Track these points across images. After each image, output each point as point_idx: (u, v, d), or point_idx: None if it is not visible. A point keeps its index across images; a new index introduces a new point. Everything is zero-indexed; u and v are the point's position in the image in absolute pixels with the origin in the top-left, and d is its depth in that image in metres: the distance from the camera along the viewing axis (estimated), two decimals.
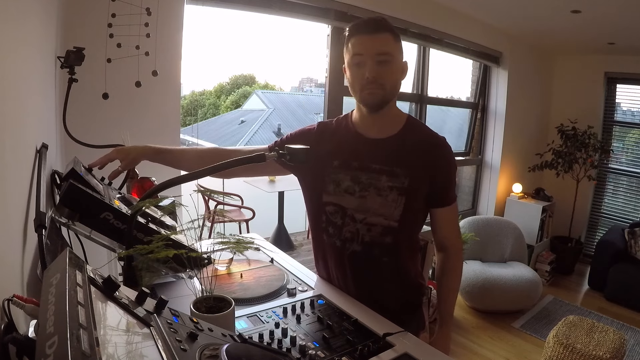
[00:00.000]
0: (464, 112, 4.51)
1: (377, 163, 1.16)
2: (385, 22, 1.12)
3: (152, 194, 0.91)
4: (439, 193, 1.18)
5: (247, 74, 20.15)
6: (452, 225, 1.26)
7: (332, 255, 1.24)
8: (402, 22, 2.98)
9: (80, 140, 1.38)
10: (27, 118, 0.87)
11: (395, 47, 1.12)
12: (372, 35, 1.10)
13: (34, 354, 0.38)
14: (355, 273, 1.21)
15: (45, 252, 0.70)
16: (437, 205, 1.21)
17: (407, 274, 1.26)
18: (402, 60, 1.16)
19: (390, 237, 1.17)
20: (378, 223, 1.16)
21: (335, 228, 1.21)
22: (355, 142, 1.20)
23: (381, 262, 1.19)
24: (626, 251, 3.86)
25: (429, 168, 1.15)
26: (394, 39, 1.11)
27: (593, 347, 2.38)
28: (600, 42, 3.92)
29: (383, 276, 1.20)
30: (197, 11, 2.18)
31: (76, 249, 1.09)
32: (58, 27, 1.47)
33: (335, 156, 1.20)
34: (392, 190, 1.14)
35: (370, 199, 1.16)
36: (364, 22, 1.13)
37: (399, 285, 1.23)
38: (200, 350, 0.51)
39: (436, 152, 1.18)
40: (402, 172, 1.14)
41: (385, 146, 1.17)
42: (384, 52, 1.09)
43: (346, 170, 1.18)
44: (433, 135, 1.21)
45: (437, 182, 1.17)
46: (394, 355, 0.89)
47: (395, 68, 1.13)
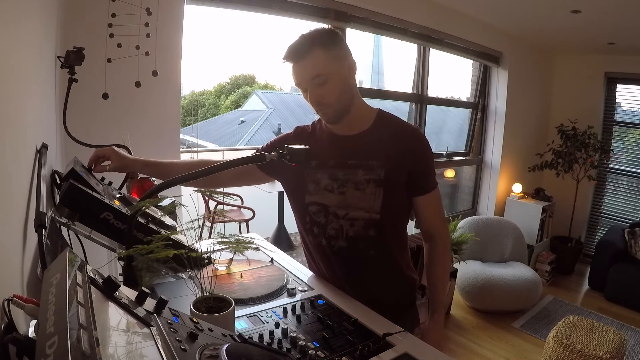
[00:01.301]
0: (464, 112, 4.51)
1: (352, 158, 1.18)
2: (310, 41, 1.09)
3: (152, 194, 0.91)
4: (417, 181, 1.19)
5: (247, 74, 20.13)
6: (436, 212, 1.26)
7: (320, 255, 1.26)
8: (402, 22, 2.98)
9: (80, 140, 1.38)
10: (27, 118, 0.87)
11: (328, 62, 1.09)
12: (300, 62, 1.10)
13: (34, 354, 0.38)
14: (344, 270, 1.23)
15: (45, 252, 0.70)
16: (417, 193, 1.21)
17: (397, 266, 1.27)
18: (344, 65, 1.13)
19: (373, 230, 1.18)
20: (360, 217, 1.18)
21: (320, 227, 1.23)
22: (330, 141, 1.22)
23: (368, 256, 1.20)
24: (626, 251, 3.86)
25: (405, 157, 1.16)
26: (324, 54, 1.08)
27: (593, 347, 2.38)
28: (600, 42, 3.92)
29: (372, 270, 1.22)
30: (197, 11, 2.18)
31: (76, 249, 1.09)
32: (58, 27, 1.47)
33: (313, 157, 1.21)
34: (370, 182, 1.16)
35: (349, 194, 1.18)
36: (290, 50, 1.10)
37: (390, 279, 1.25)
38: (200, 350, 0.51)
39: (409, 140, 1.18)
40: (377, 164, 1.15)
41: (358, 141, 1.19)
42: (316, 75, 1.09)
43: (324, 169, 1.20)
44: (405, 125, 1.23)
45: (415, 170, 1.17)
46: (394, 355, 0.89)
47: (335, 84, 1.11)
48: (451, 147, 4.32)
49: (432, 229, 1.27)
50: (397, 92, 3.69)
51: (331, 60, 1.10)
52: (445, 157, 4.12)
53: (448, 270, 1.31)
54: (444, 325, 1.30)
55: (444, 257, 1.29)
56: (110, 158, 1.20)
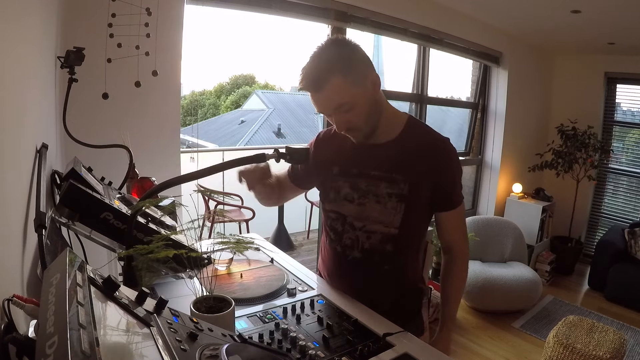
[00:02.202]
0: (464, 112, 4.51)
1: (375, 169, 1.13)
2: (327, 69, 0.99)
3: (152, 194, 0.91)
4: (442, 197, 1.14)
5: (247, 74, 20.13)
6: (457, 228, 1.21)
7: (333, 259, 1.25)
8: (402, 22, 2.98)
9: (80, 140, 1.38)
10: (27, 118, 0.87)
11: (350, 89, 1.01)
12: (319, 93, 1.02)
13: (34, 354, 0.38)
14: (355, 279, 1.21)
15: (45, 252, 0.70)
16: (440, 209, 1.17)
17: (408, 280, 1.24)
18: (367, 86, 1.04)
19: (390, 245, 1.15)
20: (377, 230, 1.14)
21: (336, 234, 1.21)
22: (354, 148, 1.17)
23: (382, 270, 1.18)
24: (626, 251, 3.86)
25: (431, 172, 1.11)
26: (344, 81, 0.99)
27: (593, 347, 2.38)
28: (600, 42, 3.92)
29: (383, 283, 1.19)
30: (197, 11, 2.18)
31: (76, 249, 1.09)
32: (58, 27, 1.47)
33: (335, 163, 1.20)
34: (391, 197, 1.11)
35: (369, 206, 1.14)
36: (306, 79, 1.02)
37: (399, 292, 1.22)
38: (200, 350, 0.51)
39: (438, 155, 1.13)
40: (401, 178, 1.11)
41: (384, 151, 1.14)
42: (338, 105, 1.03)
43: (345, 177, 1.17)
44: (435, 136, 1.16)
45: (440, 186, 1.12)
46: (394, 355, 0.89)
47: (361, 108, 1.05)
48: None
49: (452, 243, 1.23)
50: (397, 92, 3.69)
51: (353, 86, 1.01)
52: None
53: (463, 286, 1.27)
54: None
55: (461, 273, 1.25)
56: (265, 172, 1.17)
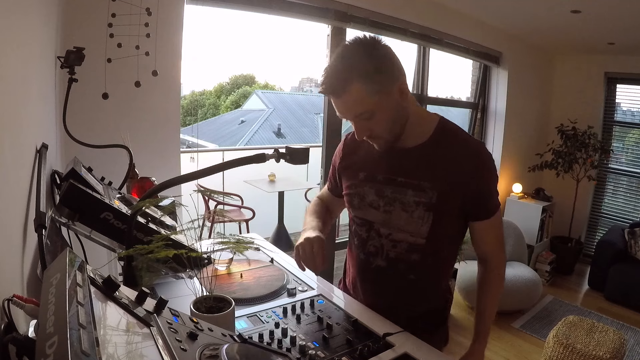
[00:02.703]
0: (464, 112, 4.51)
1: (402, 176, 1.07)
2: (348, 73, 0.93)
3: (152, 194, 0.91)
4: (477, 206, 1.07)
5: (247, 74, 20.16)
6: (493, 238, 1.14)
7: (357, 266, 1.20)
8: (402, 22, 2.98)
9: (80, 140, 1.38)
10: (27, 118, 0.87)
11: (372, 98, 0.94)
12: (340, 99, 0.96)
13: (34, 354, 0.38)
14: (379, 288, 1.16)
15: (45, 252, 0.70)
16: (475, 219, 1.09)
17: (435, 291, 1.19)
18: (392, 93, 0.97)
19: (417, 255, 1.09)
20: (404, 240, 1.08)
21: (361, 241, 1.16)
22: (381, 153, 1.10)
23: (408, 280, 1.12)
24: (626, 251, 3.86)
25: (464, 180, 1.02)
26: (366, 88, 0.93)
27: (593, 347, 2.38)
28: (600, 42, 3.92)
29: (409, 294, 1.14)
30: (197, 11, 2.18)
31: (76, 249, 1.09)
32: (58, 27, 1.47)
33: (362, 169, 1.15)
34: (419, 205, 1.04)
35: (396, 214, 1.08)
36: (327, 83, 0.96)
37: (426, 303, 1.17)
38: (200, 350, 0.51)
39: (471, 161, 1.03)
40: (429, 186, 1.03)
41: (412, 157, 1.07)
42: (359, 112, 0.97)
43: (371, 184, 1.12)
44: (468, 140, 1.07)
45: (474, 194, 1.04)
46: (394, 355, 0.89)
47: (384, 116, 0.98)
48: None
49: (489, 253, 1.16)
50: None
51: (375, 94, 0.94)
52: None
53: (499, 298, 1.18)
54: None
55: (499, 284, 1.17)
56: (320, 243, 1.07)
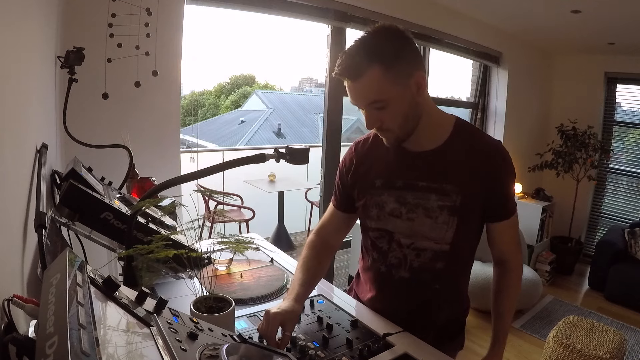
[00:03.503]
0: (464, 112, 4.51)
1: (423, 180, 1.02)
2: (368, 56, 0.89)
3: (152, 194, 0.91)
4: (496, 207, 1.04)
5: (247, 74, 20.18)
6: (511, 238, 1.11)
7: (376, 281, 1.14)
8: (402, 22, 2.97)
9: (80, 140, 1.38)
10: (27, 118, 0.87)
11: (388, 86, 0.90)
12: (355, 82, 0.92)
13: (34, 354, 0.38)
14: (403, 300, 1.11)
15: (45, 252, 0.70)
16: (494, 220, 1.06)
17: (457, 299, 1.17)
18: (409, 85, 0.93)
19: (441, 263, 1.05)
20: (428, 247, 1.04)
21: (381, 253, 1.10)
22: (398, 158, 1.05)
23: (433, 289, 1.08)
24: (626, 251, 3.86)
25: (485, 181, 0.99)
26: (384, 74, 0.89)
27: (593, 347, 2.38)
28: (600, 42, 3.92)
29: (432, 303, 1.11)
30: (197, 11, 2.18)
31: (76, 249, 1.09)
32: (58, 27, 1.47)
33: (377, 176, 1.08)
34: (443, 210, 1.00)
35: (419, 220, 1.03)
36: (344, 65, 0.92)
37: (449, 311, 1.15)
38: (200, 350, 0.51)
39: (491, 161, 1.00)
40: (452, 189, 1.00)
41: (431, 159, 1.02)
42: (373, 100, 0.92)
43: (390, 191, 1.06)
44: (486, 140, 1.04)
45: (495, 195, 1.01)
46: (394, 355, 0.89)
47: (397, 109, 0.94)
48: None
49: (507, 254, 1.13)
50: None
51: (392, 83, 0.91)
52: None
53: (517, 299, 1.17)
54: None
55: (515, 286, 1.15)
56: (285, 325, 0.89)
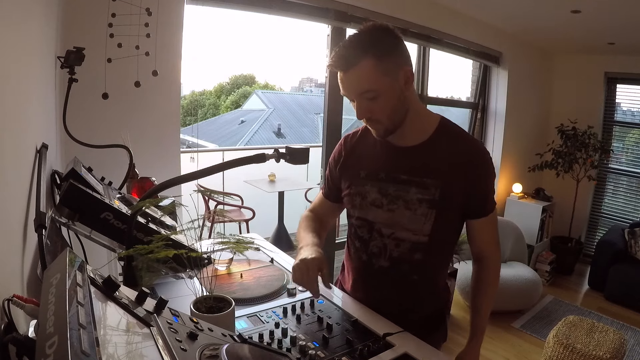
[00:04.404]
0: (464, 112, 4.51)
1: (405, 173, 1.08)
2: (361, 48, 0.95)
3: (152, 194, 0.91)
4: (475, 204, 1.08)
5: (247, 74, 20.19)
6: (490, 236, 1.16)
7: (359, 269, 1.20)
8: (402, 22, 2.98)
9: (80, 140, 1.38)
10: (27, 118, 0.87)
11: (379, 77, 0.96)
12: (347, 73, 0.97)
13: (34, 354, 0.38)
14: (383, 289, 1.16)
15: (45, 252, 0.70)
16: (473, 217, 1.11)
17: (436, 290, 1.20)
18: (398, 78, 0.99)
19: (420, 254, 1.09)
20: (407, 238, 1.09)
21: (362, 242, 1.16)
22: (383, 151, 1.12)
23: (411, 280, 1.12)
24: (626, 251, 3.86)
25: (464, 178, 1.04)
26: (375, 65, 0.95)
27: (593, 347, 2.38)
28: (600, 42, 3.92)
29: (412, 294, 1.15)
30: (197, 11, 2.18)
31: (76, 249, 1.09)
32: (58, 27, 1.47)
33: (362, 167, 1.15)
34: (422, 203, 1.06)
35: (399, 212, 1.08)
36: (337, 56, 0.98)
37: (428, 302, 1.19)
38: (200, 350, 0.51)
39: (471, 159, 1.05)
40: (432, 183, 1.05)
41: (414, 154, 1.08)
42: (364, 90, 0.97)
43: (373, 182, 1.12)
44: (468, 139, 1.09)
45: (474, 192, 1.06)
46: (394, 355, 0.89)
47: (387, 100, 0.99)
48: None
49: (485, 251, 1.18)
50: None
51: (383, 74, 0.96)
52: None
53: (494, 295, 1.20)
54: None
55: (493, 282, 1.19)
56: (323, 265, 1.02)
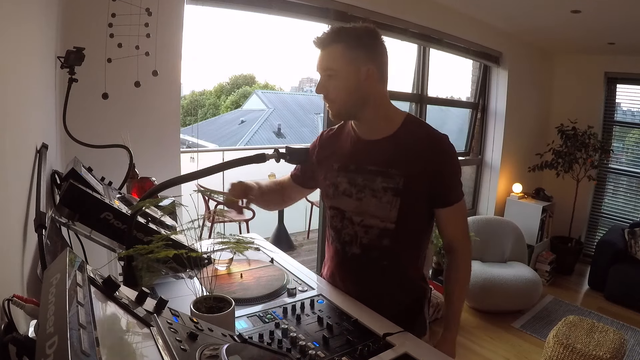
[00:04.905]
0: (464, 112, 4.51)
1: (372, 164, 1.16)
2: (338, 34, 1.08)
3: (152, 194, 0.91)
4: (439, 193, 1.14)
5: (247, 74, 20.16)
6: (458, 225, 1.21)
7: (334, 257, 1.27)
8: (402, 22, 2.98)
9: (80, 140, 1.38)
10: (27, 118, 0.87)
11: (343, 60, 1.07)
12: (322, 50, 1.10)
13: (34, 354, 0.38)
14: (356, 276, 1.22)
15: (45, 252, 0.70)
16: (439, 205, 1.16)
17: (409, 277, 1.23)
18: (359, 70, 1.08)
19: (387, 240, 1.15)
20: (375, 225, 1.16)
21: (336, 231, 1.23)
22: (353, 145, 1.20)
23: (381, 266, 1.18)
24: (626, 251, 3.86)
25: (428, 168, 1.11)
26: (343, 51, 1.07)
27: (593, 347, 2.38)
28: (600, 42, 3.91)
29: (383, 280, 1.19)
30: (197, 11, 2.18)
31: (76, 249, 1.09)
32: (58, 27, 1.47)
33: (336, 160, 1.22)
34: (387, 191, 1.13)
35: (366, 200, 1.16)
36: (319, 36, 1.10)
37: (400, 290, 1.22)
38: (200, 350, 0.51)
39: (435, 151, 1.13)
40: (397, 173, 1.12)
41: (380, 147, 1.16)
42: (327, 67, 1.09)
43: (344, 173, 1.20)
44: (432, 133, 1.16)
45: (438, 182, 1.12)
46: (394, 355, 0.89)
47: (342, 83, 1.09)
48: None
49: (453, 241, 1.23)
50: (397, 92, 3.69)
51: (347, 61, 1.07)
52: None
53: (467, 286, 1.26)
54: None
55: (465, 271, 1.24)
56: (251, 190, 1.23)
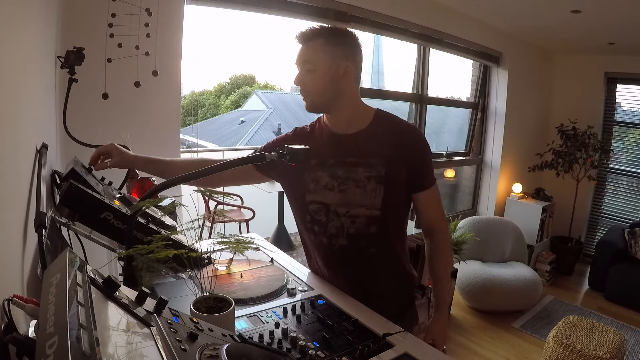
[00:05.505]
0: (464, 112, 4.51)
1: (350, 157, 1.19)
2: (319, 31, 1.13)
3: (152, 194, 0.91)
4: (417, 178, 1.21)
5: (247, 74, 20.14)
6: (435, 207, 1.28)
7: (320, 253, 1.27)
8: (402, 22, 2.98)
9: (80, 140, 1.38)
10: (27, 118, 0.87)
11: (321, 55, 1.12)
12: (303, 45, 1.15)
13: (34, 354, 0.38)
14: (344, 269, 1.24)
15: (45, 252, 0.70)
16: (417, 189, 1.23)
17: (398, 263, 1.28)
18: (337, 65, 1.14)
19: (374, 227, 1.19)
20: (361, 214, 1.19)
21: (321, 226, 1.24)
22: (329, 140, 1.24)
23: (370, 254, 1.21)
24: (626, 251, 3.86)
25: (404, 155, 1.18)
26: (323, 46, 1.12)
27: (593, 347, 2.38)
28: (600, 42, 3.92)
29: (373, 268, 1.23)
30: (197, 11, 2.18)
31: (76, 249, 1.09)
32: (58, 27, 1.47)
33: (313, 156, 1.22)
34: (370, 179, 1.17)
35: (350, 191, 1.19)
36: (301, 32, 1.15)
37: (390, 277, 1.26)
38: (200, 350, 0.51)
39: (408, 138, 1.20)
40: (377, 162, 1.17)
41: (356, 140, 1.20)
42: (306, 60, 1.14)
43: (323, 168, 1.22)
44: (403, 122, 1.24)
45: (414, 167, 1.19)
46: (394, 355, 0.89)
47: (318, 77, 1.14)
48: (451, 147, 4.32)
49: (432, 225, 1.29)
50: (397, 92, 3.69)
51: (325, 55, 1.12)
52: (445, 157, 4.12)
53: (450, 265, 1.32)
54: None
55: (445, 252, 1.31)
56: (111, 154, 1.19)
